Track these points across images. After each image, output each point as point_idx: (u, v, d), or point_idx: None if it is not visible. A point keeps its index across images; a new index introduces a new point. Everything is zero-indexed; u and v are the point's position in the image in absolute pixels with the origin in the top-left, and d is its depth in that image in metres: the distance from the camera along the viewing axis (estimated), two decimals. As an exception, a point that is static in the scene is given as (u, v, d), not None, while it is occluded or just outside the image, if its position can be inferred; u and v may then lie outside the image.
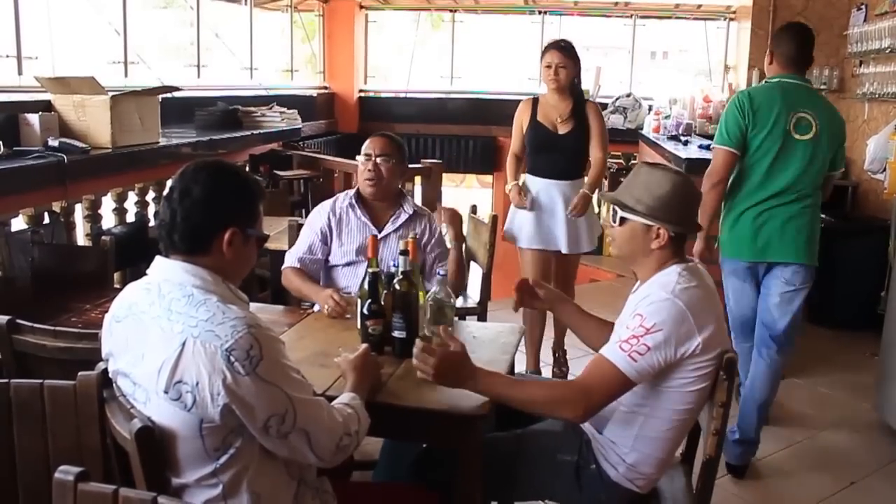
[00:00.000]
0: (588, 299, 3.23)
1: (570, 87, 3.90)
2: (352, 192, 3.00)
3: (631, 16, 7.41)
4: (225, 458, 1.56)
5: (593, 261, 6.20)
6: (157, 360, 1.53)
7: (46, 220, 3.54)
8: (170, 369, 1.51)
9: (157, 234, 1.67)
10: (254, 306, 2.74)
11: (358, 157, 2.96)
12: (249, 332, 1.52)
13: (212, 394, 1.49)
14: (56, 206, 3.56)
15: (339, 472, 2.29)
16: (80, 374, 1.70)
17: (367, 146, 2.93)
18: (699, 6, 7.26)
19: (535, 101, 4.00)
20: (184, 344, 1.51)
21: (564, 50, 3.87)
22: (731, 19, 7.13)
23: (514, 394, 1.96)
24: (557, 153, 3.95)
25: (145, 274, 1.69)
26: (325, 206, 2.98)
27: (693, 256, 3.10)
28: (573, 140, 3.93)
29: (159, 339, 1.55)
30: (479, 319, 3.80)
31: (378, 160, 2.88)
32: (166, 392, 1.52)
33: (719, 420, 1.94)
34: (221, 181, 1.65)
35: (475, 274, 4.05)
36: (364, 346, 2.09)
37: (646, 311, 1.89)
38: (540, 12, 7.48)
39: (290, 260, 2.93)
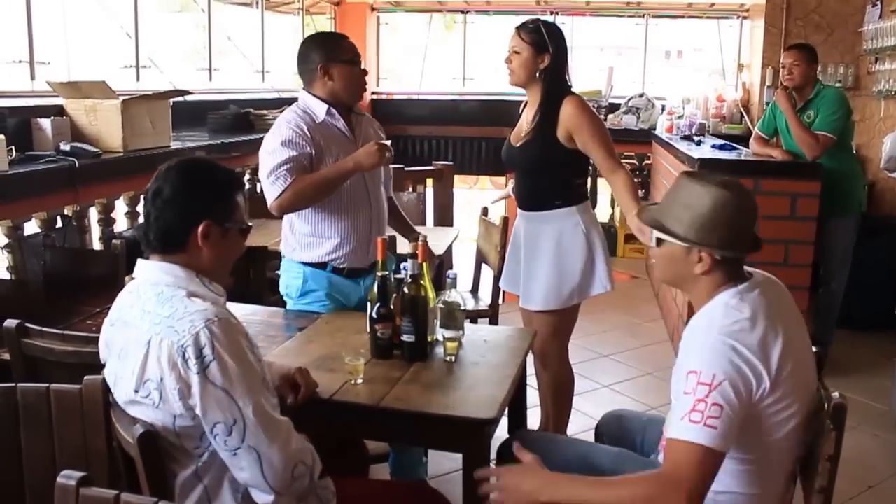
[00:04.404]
0: (600, 301, 3.20)
1: (530, 79, 2.84)
2: (312, 106, 2.70)
3: (643, 15, 7.37)
4: (206, 455, 1.58)
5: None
6: (132, 362, 1.56)
7: (59, 223, 3.57)
8: (139, 369, 1.54)
9: (138, 236, 1.69)
10: (266, 310, 2.77)
11: (337, 66, 2.66)
12: (206, 326, 1.52)
13: (171, 389, 1.51)
14: (68, 210, 3.58)
15: (355, 469, 2.29)
16: (85, 378, 1.71)
17: (352, 51, 2.72)
18: (712, 4, 7.21)
19: (526, 104, 3.02)
20: (149, 342, 1.53)
21: (524, 30, 2.82)
22: (745, 17, 7.07)
23: (595, 494, 1.67)
24: (517, 173, 3.02)
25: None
26: (291, 125, 2.63)
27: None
28: (524, 153, 2.87)
29: (134, 340, 1.57)
30: (490, 322, 3.79)
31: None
32: (136, 391, 1.54)
33: (825, 476, 1.72)
34: (190, 177, 1.66)
35: (486, 276, 4.04)
36: None
37: (696, 364, 1.62)
38: (552, 13, 7.45)
39: (282, 182, 2.57)
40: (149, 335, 1.54)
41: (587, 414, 3.58)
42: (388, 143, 2.67)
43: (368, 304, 2.33)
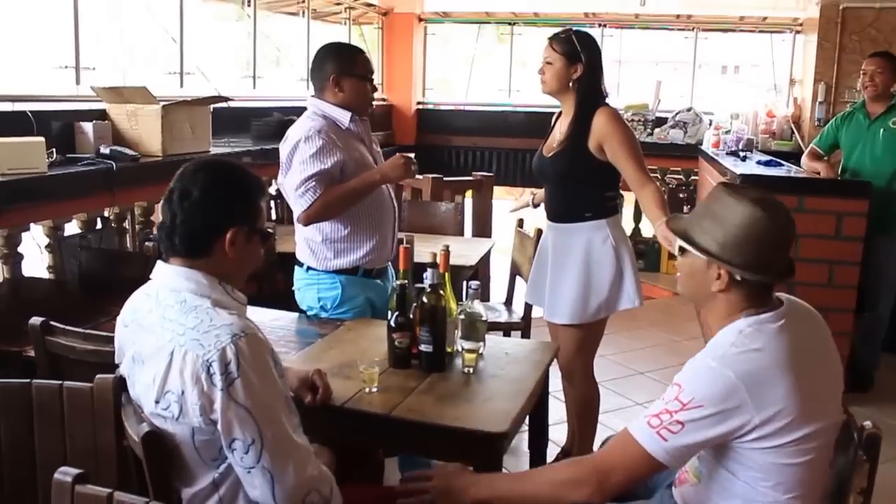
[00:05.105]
0: (641, 317, 3.13)
1: (562, 89, 2.82)
2: (333, 113, 2.72)
3: (693, 29, 7.26)
4: (224, 466, 1.55)
5: (649, 278, 6.04)
6: (151, 370, 1.54)
7: (100, 225, 3.65)
8: (161, 379, 1.51)
9: (158, 238, 1.66)
10: (289, 316, 2.77)
11: (349, 79, 2.71)
12: (233, 342, 1.48)
13: (192, 403, 1.48)
14: (108, 213, 3.66)
15: (370, 477, 2.27)
16: (97, 377, 1.72)
17: (365, 66, 2.77)
18: (764, 19, 7.06)
19: (560, 115, 3.00)
20: (172, 353, 1.51)
21: (556, 40, 2.80)
22: (798, 32, 6.90)
23: (520, 487, 1.76)
24: (547, 184, 2.98)
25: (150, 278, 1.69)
26: (322, 134, 2.64)
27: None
28: (556, 164, 2.84)
29: (154, 348, 1.55)
30: (522, 335, 3.74)
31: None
32: (157, 402, 1.52)
33: None
34: (220, 181, 1.63)
35: (520, 288, 3.99)
36: None
37: (685, 379, 1.57)
38: (600, 25, 7.39)
39: (311, 195, 2.62)
40: (172, 345, 1.51)
41: (617, 431, 3.49)
42: (413, 156, 2.72)
43: (389, 312, 2.31)
